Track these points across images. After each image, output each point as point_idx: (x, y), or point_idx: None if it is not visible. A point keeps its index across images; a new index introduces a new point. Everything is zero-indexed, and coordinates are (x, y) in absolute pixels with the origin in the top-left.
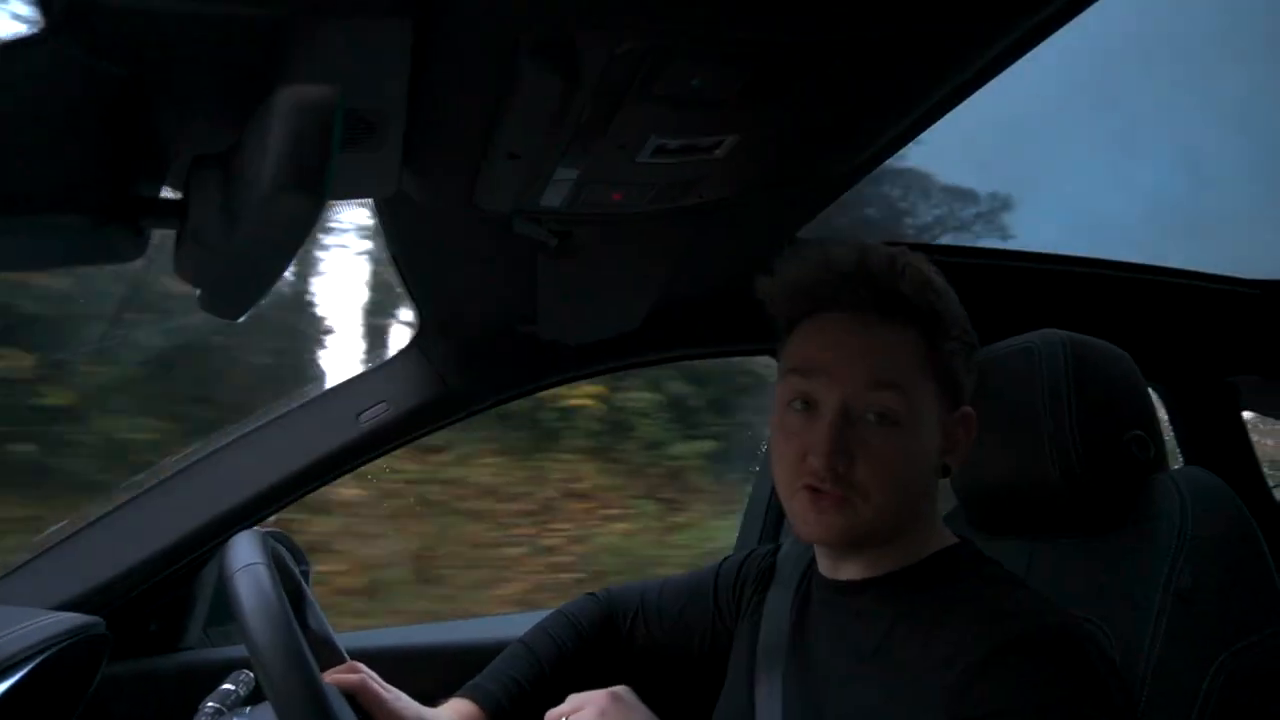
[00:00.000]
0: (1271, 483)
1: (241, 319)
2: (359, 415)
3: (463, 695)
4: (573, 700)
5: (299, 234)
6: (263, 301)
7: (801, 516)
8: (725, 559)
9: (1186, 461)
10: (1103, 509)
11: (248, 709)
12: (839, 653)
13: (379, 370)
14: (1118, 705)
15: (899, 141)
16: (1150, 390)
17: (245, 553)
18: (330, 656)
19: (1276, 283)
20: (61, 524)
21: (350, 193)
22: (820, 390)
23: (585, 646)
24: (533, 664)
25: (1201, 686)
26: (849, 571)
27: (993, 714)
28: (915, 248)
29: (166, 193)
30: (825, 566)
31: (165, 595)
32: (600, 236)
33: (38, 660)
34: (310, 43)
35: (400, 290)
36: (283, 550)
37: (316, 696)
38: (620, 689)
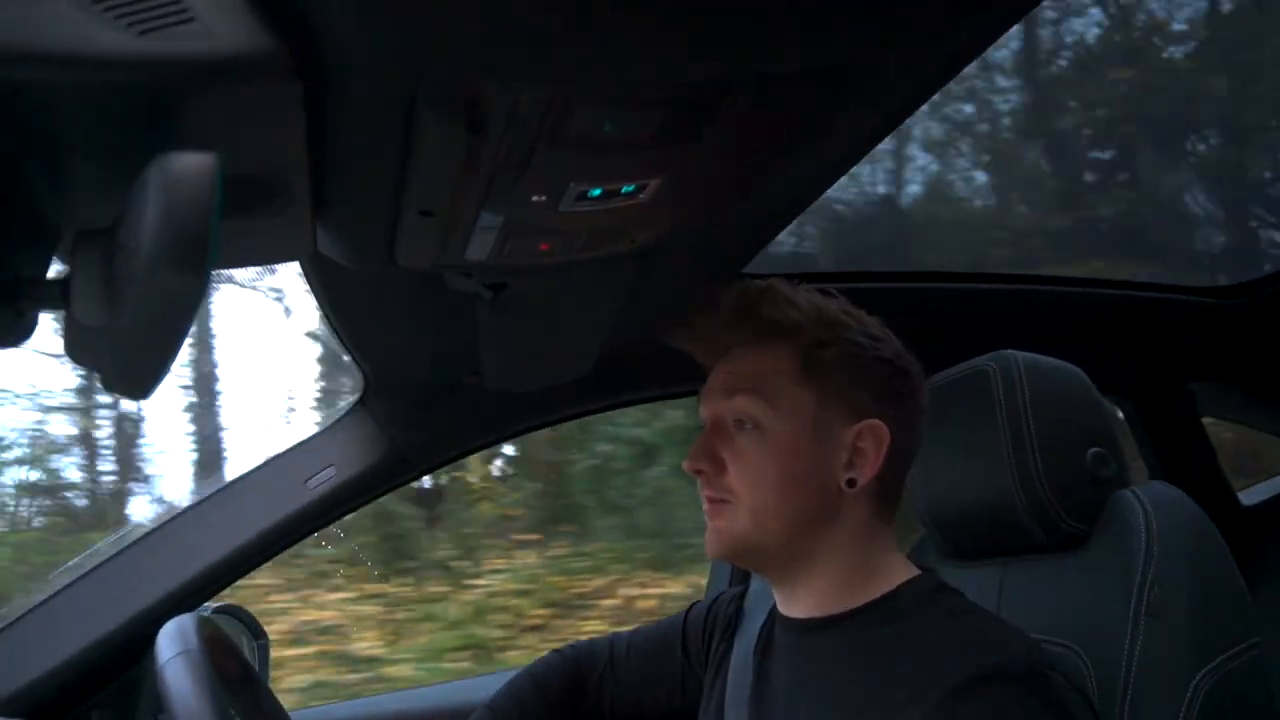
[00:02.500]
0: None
1: (148, 399)
2: (307, 481)
3: None
4: None
5: (187, 308)
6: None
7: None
8: (694, 604)
9: (1151, 472)
10: (1069, 528)
11: None
12: (802, 698)
13: (325, 433)
14: None
15: (832, 171)
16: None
17: (174, 641)
18: None
19: (1230, 288)
20: None
21: (265, 258)
22: (704, 410)
23: (553, 709)
24: None
25: (1180, 709)
26: (800, 608)
27: None
28: (854, 276)
29: (51, 272)
30: (780, 603)
31: (109, 683)
32: (536, 286)
33: None
34: (194, 110)
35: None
36: (227, 629)
37: None
38: None
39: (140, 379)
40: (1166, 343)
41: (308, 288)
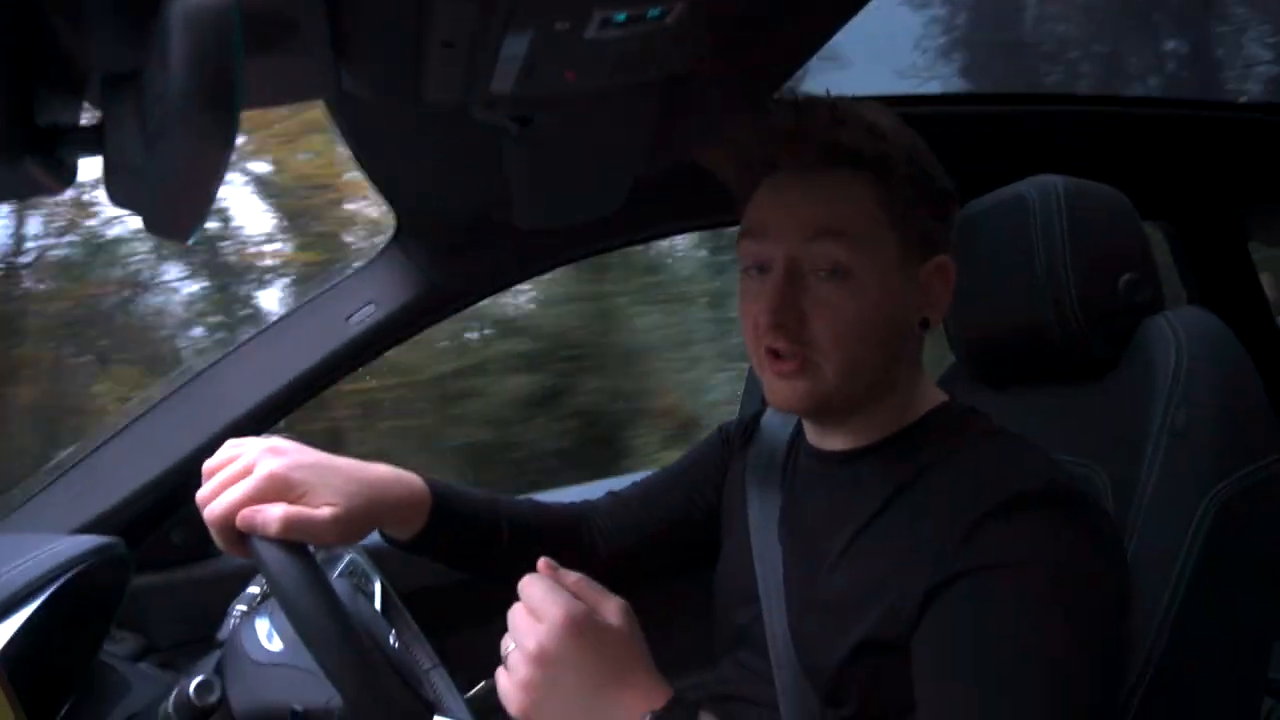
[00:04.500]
0: None
1: (189, 241)
2: (348, 318)
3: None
4: (520, 624)
5: (220, 148)
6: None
7: (769, 385)
8: (721, 426)
9: (1190, 299)
10: (1100, 354)
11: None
12: (836, 526)
13: (363, 272)
14: (1120, 562)
15: None
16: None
17: None
18: None
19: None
20: (71, 449)
21: (289, 96)
22: (767, 250)
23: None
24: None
25: (1195, 516)
26: (837, 441)
27: (1001, 564)
28: (890, 100)
29: (85, 119)
30: (813, 436)
31: (183, 508)
32: (562, 118)
33: (58, 584)
34: None
35: None
36: None
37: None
38: (573, 610)
39: (181, 221)
40: (1212, 163)
41: (334, 126)
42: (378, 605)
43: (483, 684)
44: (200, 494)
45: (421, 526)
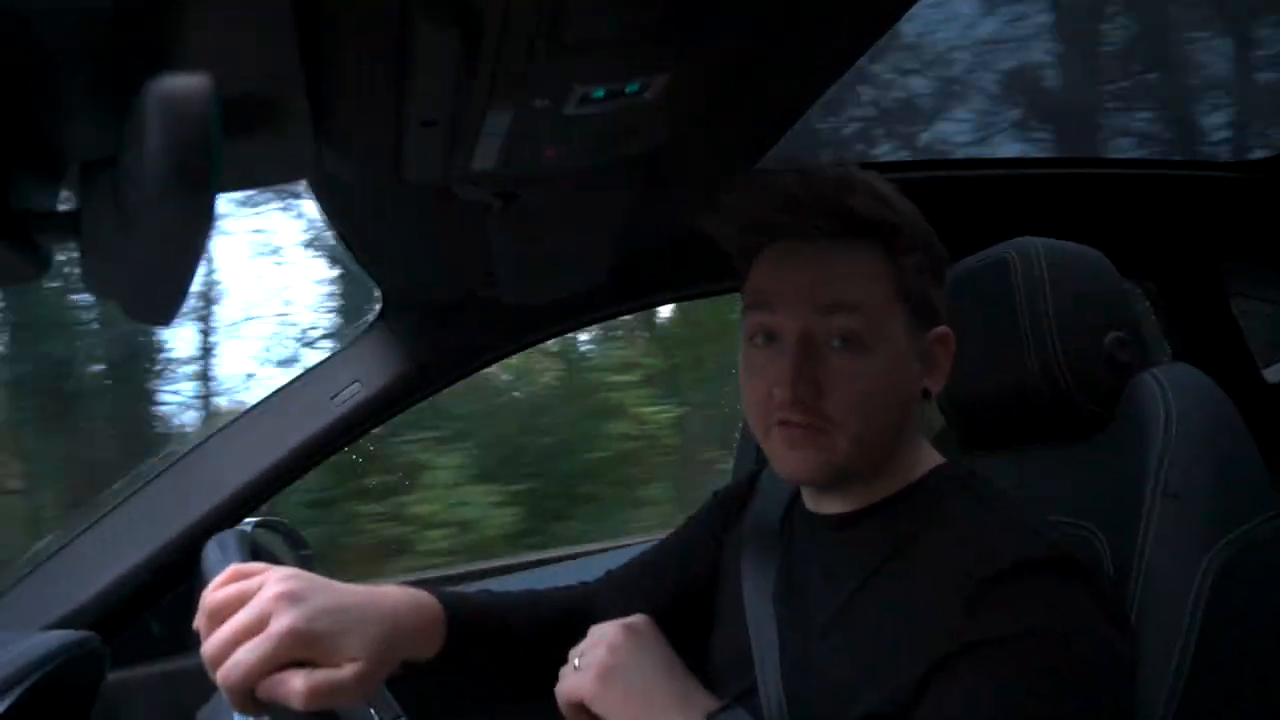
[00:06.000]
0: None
1: (169, 325)
2: (333, 398)
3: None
4: (592, 634)
5: (197, 232)
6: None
7: (778, 456)
8: (715, 493)
9: (1175, 356)
10: (1089, 413)
11: None
12: (831, 590)
13: (347, 351)
14: (1125, 627)
15: (843, 59)
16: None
17: (219, 555)
18: None
19: (1256, 162)
20: (45, 541)
21: (270, 178)
22: (779, 321)
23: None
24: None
25: (1194, 581)
26: (835, 505)
27: (1007, 637)
28: (867, 167)
29: (62, 205)
30: (809, 500)
31: (162, 598)
32: (545, 194)
33: (30, 681)
34: (185, 30)
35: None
36: (270, 541)
37: None
38: (636, 619)
39: (159, 306)
40: (1192, 221)
41: (317, 205)
42: None
43: None
44: (208, 649)
45: (440, 648)
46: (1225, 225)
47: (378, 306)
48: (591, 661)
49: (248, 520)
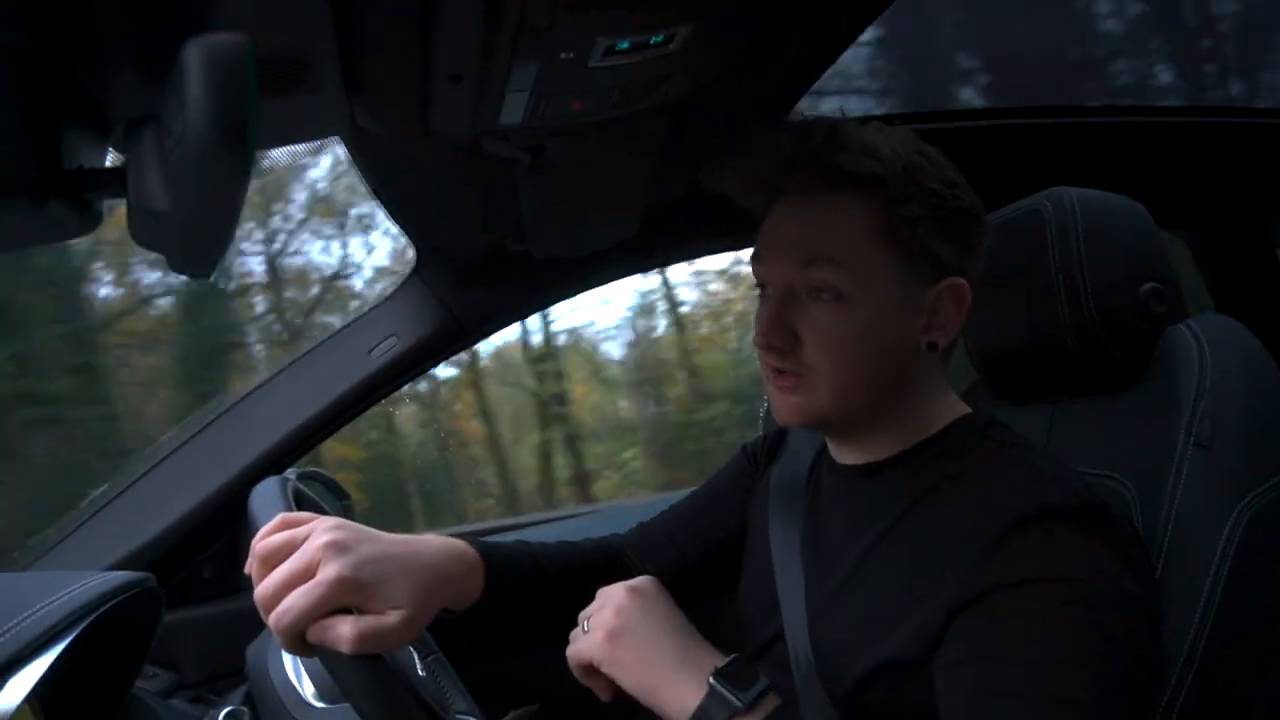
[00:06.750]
0: None
1: (210, 277)
2: (370, 351)
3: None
4: (600, 597)
5: (236, 187)
6: None
7: (771, 399)
8: (744, 445)
9: (1217, 308)
10: (1121, 365)
11: None
12: (855, 537)
13: (384, 305)
14: (1148, 581)
15: (872, 6)
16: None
17: (265, 501)
18: None
19: None
20: (104, 488)
21: (304, 135)
22: (766, 272)
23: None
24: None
25: (1223, 532)
26: (856, 455)
27: (1028, 580)
28: (905, 118)
29: (109, 161)
30: (834, 451)
31: (214, 543)
32: (573, 147)
33: (90, 619)
34: None
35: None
36: (312, 491)
37: None
38: (641, 581)
39: (202, 258)
40: (1236, 170)
41: (350, 161)
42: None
43: (510, 715)
44: (260, 593)
45: (478, 595)
46: (1271, 175)
47: (412, 262)
48: (599, 624)
49: (290, 470)
